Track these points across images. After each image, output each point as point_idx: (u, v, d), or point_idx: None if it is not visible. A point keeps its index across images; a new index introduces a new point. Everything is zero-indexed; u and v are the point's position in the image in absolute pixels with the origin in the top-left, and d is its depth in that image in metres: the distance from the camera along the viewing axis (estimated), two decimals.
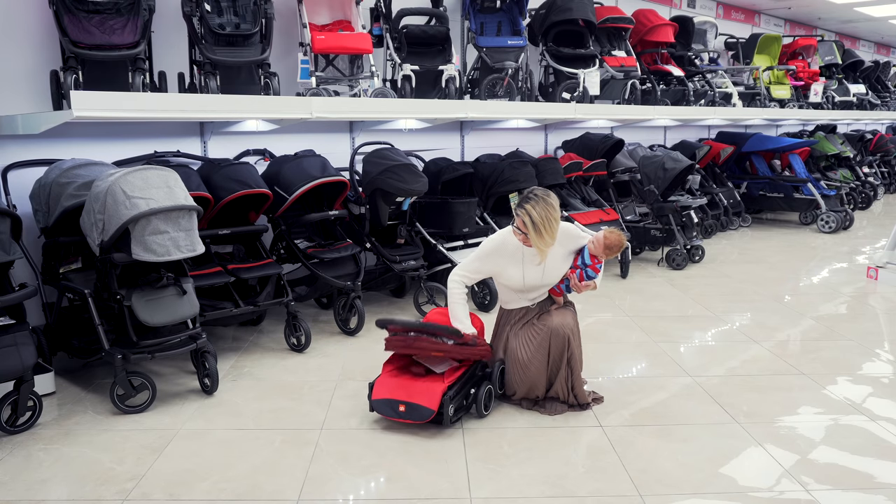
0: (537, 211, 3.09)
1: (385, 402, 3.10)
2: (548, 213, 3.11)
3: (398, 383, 3.14)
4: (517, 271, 3.30)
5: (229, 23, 4.42)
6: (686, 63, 8.19)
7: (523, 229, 3.15)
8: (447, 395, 3.05)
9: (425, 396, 3.04)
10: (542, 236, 3.12)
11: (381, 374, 3.25)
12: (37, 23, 4.08)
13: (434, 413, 3.01)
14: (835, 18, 11.78)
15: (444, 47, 5.61)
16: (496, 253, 3.31)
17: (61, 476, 2.74)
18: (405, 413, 3.05)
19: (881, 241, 7.73)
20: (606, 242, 3.28)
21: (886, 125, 13.43)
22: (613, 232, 3.30)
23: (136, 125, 4.46)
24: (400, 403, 3.05)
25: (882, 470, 2.78)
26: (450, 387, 3.10)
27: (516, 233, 3.22)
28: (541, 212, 3.09)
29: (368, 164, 4.74)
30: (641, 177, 6.66)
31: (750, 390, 3.58)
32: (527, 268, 3.30)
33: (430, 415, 3.01)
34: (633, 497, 2.58)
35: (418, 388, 3.08)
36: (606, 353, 4.13)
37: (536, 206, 3.10)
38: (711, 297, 5.44)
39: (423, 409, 3.02)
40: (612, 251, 3.30)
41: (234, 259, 4.29)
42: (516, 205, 3.18)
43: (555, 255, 3.30)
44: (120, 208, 3.10)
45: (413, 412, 3.04)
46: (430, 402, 3.02)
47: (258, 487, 2.65)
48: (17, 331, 3.07)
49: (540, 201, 3.12)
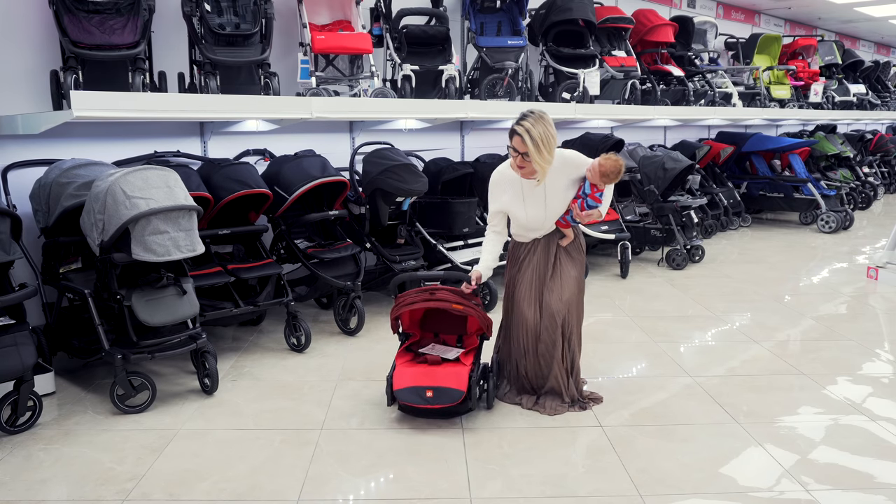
0: (536, 128, 3.03)
1: (411, 391, 3.08)
2: (546, 130, 3.05)
3: (419, 371, 3.16)
4: (519, 208, 3.28)
5: (229, 23, 4.42)
6: (686, 63, 8.19)
7: (521, 148, 3.05)
8: (472, 377, 3.10)
9: (452, 379, 3.07)
10: (542, 153, 3.04)
11: (395, 366, 3.25)
12: (37, 23, 4.08)
13: (464, 395, 3.04)
14: (835, 18, 11.78)
15: (444, 47, 5.61)
16: (498, 187, 3.32)
17: (61, 476, 2.74)
18: (433, 398, 3.04)
19: (881, 241, 7.73)
20: (602, 169, 3.17)
21: (886, 125, 13.43)
22: (609, 158, 3.19)
23: (136, 125, 4.46)
24: (427, 389, 3.05)
25: (882, 470, 2.78)
26: (472, 370, 3.16)
27: (513, 156, 3.14)
28: (540, 128, 3.04)
29: (368, 164, 4.74)
30: (641, 177, 6.66)
31: (750, 390, 3.58)
32: (528, 204, 3.26)
33: (459, 396, 3.03)
34: (633, 497, 2.58)
35: (442, 373, 3.12)
36: (606, 353, 4.13)
37: (535, 123, 3.04)
38: (711, 297, 5.44)
39: (453, 392, 3.04)
40: (609, 178, 3.19)
41: (234, 259, 4.29)
42: (512, 125, 3.10)
43: (556, 185, 3.23)
44: (120, 208, 3.10)
45: (442, 396, 3.04)
46: (458, 384, 3.05)
47: (258, 487, 2.65)
48: (17, 331, 3.07)
49: (538, 118, 3.06)
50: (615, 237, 5.95)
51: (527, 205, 3.27)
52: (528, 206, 3.27)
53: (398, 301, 3.38)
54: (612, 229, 6.02)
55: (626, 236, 6.03)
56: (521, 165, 3.15)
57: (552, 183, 3.22)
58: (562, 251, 3.39)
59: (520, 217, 3.31)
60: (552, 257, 3.38)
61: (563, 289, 3.32)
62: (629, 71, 6.82)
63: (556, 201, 3.27)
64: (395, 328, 3.45)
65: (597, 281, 5.94)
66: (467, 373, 3.12)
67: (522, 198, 3.27)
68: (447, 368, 3.18)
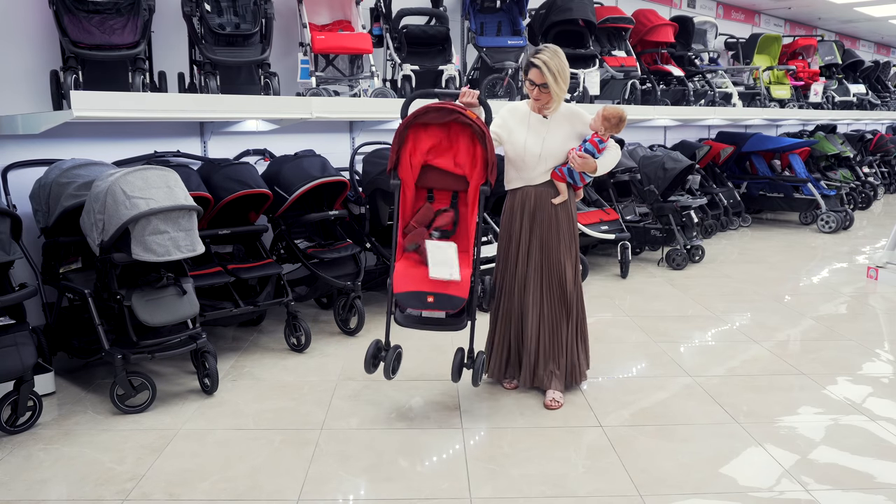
0: (553, 60, 3.24)
1: (412, 295, 3.04)
2: (561, 62, 3.27)
3: (421, 275, 3.10)
4: (520, 135, 3.37)
5: (229, 23, 4.42)
6: (686, 63, 8.19)
7: (539, 80, 3.24)
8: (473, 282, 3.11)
9: (453, 286, 3.04)
10: (559, 83, 3.26)
11: (394, 268, 3.16)
12: (37, 23, 4.08)
13: (464, 301, 3.03)
14: (835, 18, 11.78)
15: (444, 47, 5.61)
16: (509, 115, 3.44)
17: (61, 476, 2.74)
18: (434, 303, 3.03)
19: (881, 241, 7.73)
20: (605, 113, 3.37)
21: (886, 125, 13.43)
22: (611, 106, 3.41)
23: (136, 125, 4.46)
24: (428, 295, 3.03)
25: (882, 470, 2.78)
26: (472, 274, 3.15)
27: (529, 89, 3.31)
28: (556, 61, 3.25)
29: (368, 164, 4.74)
30: (641, 177, 6.66)
31: (750, 390, 3.58)
32: (530, 134, 3.38)
33: (461, 303, 3.03)
34: (633, 497, 2.58)
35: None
36: (606, 353, 4.13)
37: (552, 56, 3.25)
38: (711, 297, 5.44)
39: (455, 298, 3.02)
40: (610, 122, 3.36)
41: (234, 259, 4.29)
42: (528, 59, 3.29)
43: (558, 130, 3.38)
44: (120, 208, 3.10)
45: (444, 302, 3.02)
46: (459, 291, 3.04)
47: (258, 487, 2.65)
48: (17, 331, 3.07)
49: (553, 52, 3.27)
50: (615, 237, 5.95)
51: (528, 135, 3.38)
52: (528, 136, 3.38)
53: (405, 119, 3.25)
54: (612, 229, 6.02)
55: (626, 236, 6.03)
56: (536, 98, 3.32)
57: (556, 127, 3.38)
58: (552, 217, 3.41)
59: (517, 143, 3.38)
60: (544, 219, 3.43)
61: (561, 261, 3.42)
62: (629, 71, 6.82)
63: (555, 143, 3.38)
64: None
65: (597, 281, 5.94)
66: (468, 276, 3.10)
67: (527, 127, 3.40)
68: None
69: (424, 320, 3.13)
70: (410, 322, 3.14)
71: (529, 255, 3.44)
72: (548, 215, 3.40)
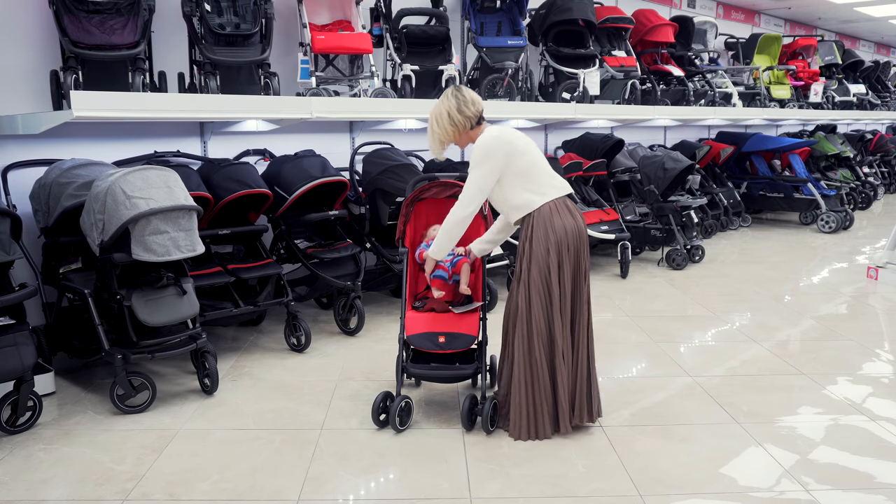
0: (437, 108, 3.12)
1: (424, 336, 3.16)
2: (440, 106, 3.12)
3: (431, 318, 3.24)
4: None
5: (229, 23, 4.42)
6: (686, 63, 8.19)
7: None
8: (482, 324, 3.23)
9: (464, 325, 3.17)
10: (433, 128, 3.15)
11: (405, 313, 3.27)
12: (37, 23, 4.08)
13: (475, 339, 3.15)
14: (835, 18, 11.78)
15: (444, 47, 5.61)
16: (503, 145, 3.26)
17: (61, 476, 2.74)
18: (445, 343, 3.14)
19: (881, 241, 7.73)
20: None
21: (886, 125, 13.43)
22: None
23: (136, 125, 4.46)
24: (440, 335, 3.16)
25: (882, 470, 2.78)
26: (481, 316, 3.26)
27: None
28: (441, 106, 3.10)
29: (368, 164, 4.74)
30: (641, 177, 6.66)
31: (750, 390, 3.58)
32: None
33: (471, 341, 3.14)
34: (633, 497, 2.58)
35: (453, 321, 3.21)
36: (606, 353, 4.13)
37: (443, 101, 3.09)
38: (711, 297, 5.44)
39: (465, 337, 3.14)
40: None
41: (234, 259, 4.29)
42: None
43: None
44: (120, 208, 3.10)
45: (454, 341, 3.14)
46: (469, 330, 3.16)
47: (258, 487, 2.65)
48: (17, 331, 3.07)
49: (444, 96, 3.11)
50: (615, 237, 5.95)
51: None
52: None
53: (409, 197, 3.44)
54: (612, 229, 6.02)
55: (626, 236, 6.03)
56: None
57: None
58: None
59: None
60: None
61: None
62: (629, 71, 6.82)
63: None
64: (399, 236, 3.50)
65: (597, 281, 5.94)
66: (478, 317, 3.22)
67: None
68: (458, 316, 3.25)
69: (435, 367, 3.19)
70: (421, 372, 3.20)
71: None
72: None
